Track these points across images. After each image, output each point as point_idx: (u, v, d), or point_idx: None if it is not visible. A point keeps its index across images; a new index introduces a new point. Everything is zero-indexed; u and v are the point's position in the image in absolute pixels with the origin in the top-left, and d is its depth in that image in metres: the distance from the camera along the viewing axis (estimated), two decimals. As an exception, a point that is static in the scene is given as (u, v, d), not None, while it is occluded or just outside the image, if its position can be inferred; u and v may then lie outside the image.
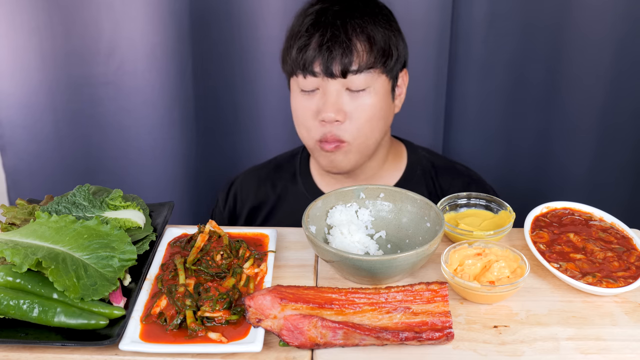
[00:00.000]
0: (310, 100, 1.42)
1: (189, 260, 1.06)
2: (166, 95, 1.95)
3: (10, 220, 1.14)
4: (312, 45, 1.37)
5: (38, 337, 0.94)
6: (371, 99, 1.40)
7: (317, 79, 1.39)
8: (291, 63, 1.41)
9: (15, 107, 1.94)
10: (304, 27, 1.40)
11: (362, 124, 1.41)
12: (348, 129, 1.41)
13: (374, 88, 1.40)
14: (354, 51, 1.36)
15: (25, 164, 2.02)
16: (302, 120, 1.45)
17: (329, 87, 1.39)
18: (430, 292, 0.98)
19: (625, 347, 0.95)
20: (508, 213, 1.21)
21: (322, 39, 1.36)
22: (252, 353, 0.92)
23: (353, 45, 1.36)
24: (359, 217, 1.19)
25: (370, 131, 1.43)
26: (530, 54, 1.96)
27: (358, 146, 1.44)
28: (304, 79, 1.40)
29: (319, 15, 1.40)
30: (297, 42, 1.39)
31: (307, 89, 1.41)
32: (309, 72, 1.38)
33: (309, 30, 1.39)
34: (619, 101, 1.99)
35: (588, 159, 2.08)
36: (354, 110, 1.40)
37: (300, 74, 1.40)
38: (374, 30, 1.39)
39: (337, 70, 1.36)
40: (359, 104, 1.40)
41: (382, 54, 1.39)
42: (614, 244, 1.13)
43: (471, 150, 2.09)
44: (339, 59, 1.36)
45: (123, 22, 1.86)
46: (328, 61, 1.36)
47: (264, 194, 1.62)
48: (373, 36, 1.38)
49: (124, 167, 2.04)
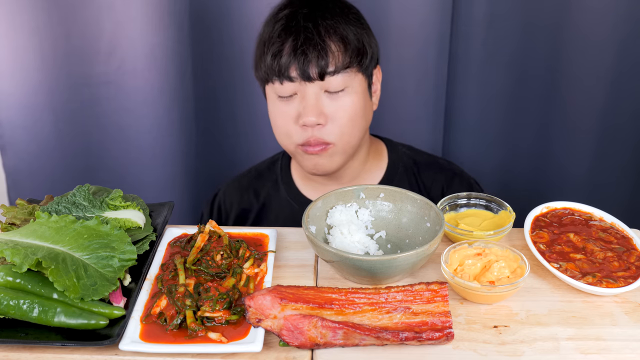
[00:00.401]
0: (288, 105, 1.40)
1: (189, 260, 1.06)
2: (166, 95, 1.95)
3: (10, 220, 1.14)
4: (286, 51, 1.36)
5: (38, 337, 0.94)
6: (350, 99, 1.40)
7: (294, 83, 1.37)
8: (266, 70, 1.39)
9: (15, 107, 1.94)
10: (275, 32, 1.38)
11: (344, 124, 1.40)
12: (331, 131, 1.40)
13: (352, 87, 1.40)
14: (329, 52, 1.35)
15: (25, 164, 2.02)
16: (282, 126, 1.43)
17: (307, 91, 1.37)
18: (430, 292, 0.98)
19: (625, 347, 0.95)
20: (508, 213, 1.21)
21: (295, 43, 1.35)
22: (252, 353, 0.92)
23: (327, 47, 1.35)
24: (359, 217, 1.19)
25: (353, 130, 1.43)
26: (530, 54, 1.96)
27: (343, 147, 1.43)
28: (281, 85, 1.38)
29: (289, 20, 1.38)
30: (270, 48, 1.38)
31: (285, 94, 1.39)
32: (285, 77, 1.37)
33: (282, 36, 1.37)
34: (619, 102, 1.99)
35: (588, 159, 2.08)
36: (334, 111, 1.39)
37: (276, 80, 1.39)
38: (346, 30, 1.38)
39: (314, 73, 1.35)
40: (339, 105, 1.39)
41: (356, 53, 1.38)
42: (614, 244, 1.13)
43: (471, 151, 2.09)
44: (315, 62, 1.34)
45: (123, 22, 1.86)
46: (304, 65, 1.34)
47: (247, 202, 1.62)
48: (346, 36, 1.37)
49: (124, 167, 2.04)
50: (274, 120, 1.46)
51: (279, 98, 1.41)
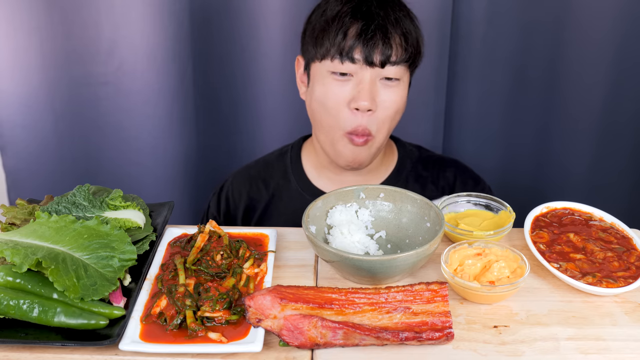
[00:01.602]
0: (342, 87, 1.40)
1: (189, 260, 1.06)
2: (166, 95, 1.95)
3: (10, 220, 1.14)
4: (353, 32, 1.36)
5: (38, 337, 0.94)
6: (400, 92, 1.42)
7: (354, 65, 1.37)
8: (329, 46, 1.39)
9: (15, 107, 1.94)
10: (344, 12, 1.39)
11: (389, 115, 1.42)
12: (377, 119, 1.41)
13: (402, 82, 1.42)
14: (393, 43, 1.37)
15: (25, 164, 2.02)
16: (333, 107, 1.41)
17: (365, 76, 1.38)
18: (430, 292, 0.98)
19: (625, 347, 0.95)
20: (508, 213, 1.21)
21: (365, 27, 1.36)
22: (252, 353, 0.92)
23: (393, 37, 1.37)
24: (359, 217, 1.19)
25: (392, 124, 1.46)
26: (530, 53, 1.96)
27: (381, 140, 1.45)
28: (340, 64, 1.38)
29: (360, 3, 1.39)
30: (337, 26, 1.38)
31: (342, 71, 1.39)
32: (348, 58, 1.37)
33: (352, 17, 1.38)
34: (619, 101, 1.99)
35: (588, 159, 2.08)
36: (384, 101, 1.40)
37: (336, 59, 1.38)
38: (408, 25, 1.41)
39: (377, 59, 1.36)
40: (389, 95, 1.40)
41: (413, 50, 1.41)
42: (614, 244, 1.13)
43: (471, 150, 2.09)
44: (380, 49, 1.36)
45: (123, 22, 1.86)
46: (370, 50, 1.35)
47: (256, 191, 1.61)
48: (409, 32, 1.40)
49: (124, 166, 2.04)
50: (323, 101, 1.43)
51: (333, 78, 1.40)
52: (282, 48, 1.92)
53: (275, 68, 1.95)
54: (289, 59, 1.95)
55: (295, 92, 2.00)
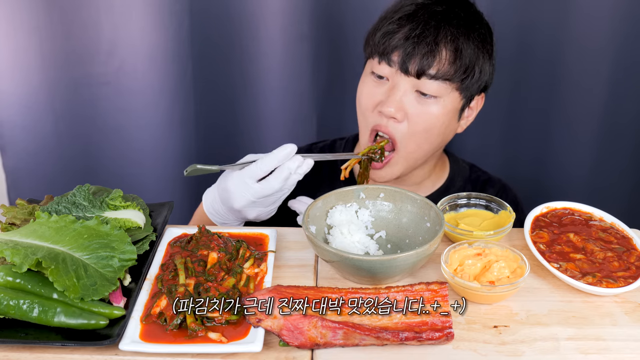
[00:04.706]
0: (377, 88, 1.38)
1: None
2: (166, 96, 1.95)
3: (10, 220, 1.14)
4: (398, 35, 1.33)
5: (38, 337, 0.94)
6: (437, 110, 1.35)
7: (391, 69, 1.35)
8: (373, 44, 1.37)
9: (15, 107, 1.94)
10: (398, 13, 1.36)
11: (418, 130, 1.36)
12: (402, 129, 1.36)
13: (443, 100, 1.35)
14: (437, 56, 1.31)
15: (25, 164, 2.02)
16: (364, 105, 1.40)
17: (400, 83, 1.34)
18: (430, 292, 0.98)
19: (625, 347, 0.95)
20: (508, 213, 1.21)
21: (410, 32, 1.32)
22: (252, 353, 0.92)
23: (438, 50, 1.31)
24: (359, 217, 1.19)
25: (424, 141, 1.39)
26: (530, 55, 1.96)
27: (407, 155, 1.40)
28: (378, 65, 1.36)
29: (418, 8, 1.36)
30: (385, 26, 1.35)
31: (378, 73, 1.37)
32: (385, 59, 1.35)
33: (402, 19, 1.34)
34: (620, 101, 1.99)
35: (588, 160, 2.08)
36: (415, 114, 1.35)
37: (376, 57, 1.36)
38: (465, 44, 1.33)
39: (413, 68, 1.32)
40: (423, 110, 1.35)
41: (464, 70, 1.33)
42: (614, 244, 1.13)
43: (472, 151, 2.09)
44: (419, 58, 1.31)
45: (123, 22, 1.86)
46: (407, 56, 1.31)
47: None
48: (461, 49, 1.33)
49: (123, 167, 2.04)
50: (358, 97, 1.42)
51: (372, 78, 1.39)
52: (282, 48, 1.92)
53: (275, 68, 1.95)
54: (288, 60, 1.95)
55: (295, 92, 2.01)
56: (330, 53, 1.98)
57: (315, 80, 2.00)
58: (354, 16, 1.90)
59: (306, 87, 2.00)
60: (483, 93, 1.45)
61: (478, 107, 1.47)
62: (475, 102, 1.44)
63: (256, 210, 1.29)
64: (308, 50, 1.95)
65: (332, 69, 2.00)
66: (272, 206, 1.30)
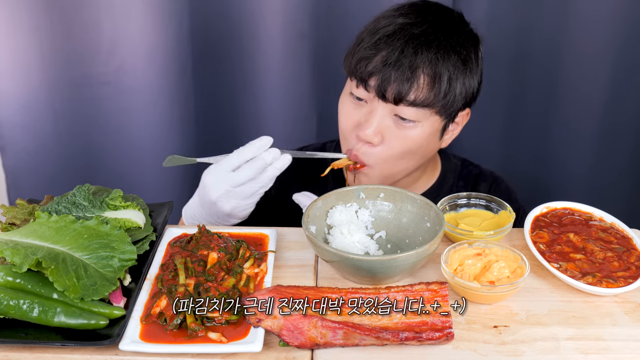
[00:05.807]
0: (356, 110, 1.35)
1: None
2: (166, 95, 1.96)
3: (10, 220, 1.14)
4: (375, 59, 1.29)
5: (38, 337, 0.94)
6: (415, 134, 1.32)
7: (369, 94, 1.31)
8: (350, 68, 1.34)
9: (15, 107, 1.94)
10: (376, 35, 1.31)
11: (393, 153, 1.34)
12: (376, 154, 1.34)
13: (422, 124, 1.32)
14: (415, 83, 1.27)
15: (25, 164, 2.02)
16: (343, 127, 1.38)
17: (377, 108, 1.31)
18: (430, 292, 0.98)
19: (625, 347, 0.95)
20: (508, 213, 1.21)
21: (388, 57, 1.28)
22: (252, 353, 0.92)
23: (415, 77, 1.27)
24: (359, 217, 1.19)
25: (400, 162, 1.37)
26: (530, 55, 1.96)
27: (381, 171, 1.37)
28: (356, 88, 1.33)
29: (396, 30, 1.30)
30: (363, 50, 1.31)
31: (357, 95, 1.34)
32: (363, 84, 1.31)
33: (379, 42, 1.30)
34: (620, 101, 1.99)
35: (588, 159, 2.08)
36: (392, 138, 1.32)
37: (354, 80, 1.33)
38: (444, 68, 1.28)
39: (391, 95, 1.28)
40: (401, 134, 1.32)
41: (443, 95, 1.29)
42: (614, 244, 1.13)
43: (471, 151, 2.08)
44: (397, 85, 1.27)
45: (123, 22, 1.86)
46: (385, 82, 1.27)
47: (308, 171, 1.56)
48: (440, 74, 1.28)
49: (124, 166, 2.04)
50: (339, 116, 1.39)
51: (351, 99, 1.36)
52: (281, 48, 1.92)
53: (275, 68, 1.95)
54: (288, 59, 1.95)
55: (295, 91, 2.01)
56: (330, 52, 1.98)
57: (315, 79, 2.00)
58: (354, 15, 1.90)
59: (306, 86, 2.00)
60: (468, 108, 1.41)
61: (464, 121, 1.43)
62: (460, 118, 1.41)
63: (232, 202, 1.27)
64: (308, 49, 1.95)
65: (332, 67, 2.00)
66: (248, 200, 1.28)
